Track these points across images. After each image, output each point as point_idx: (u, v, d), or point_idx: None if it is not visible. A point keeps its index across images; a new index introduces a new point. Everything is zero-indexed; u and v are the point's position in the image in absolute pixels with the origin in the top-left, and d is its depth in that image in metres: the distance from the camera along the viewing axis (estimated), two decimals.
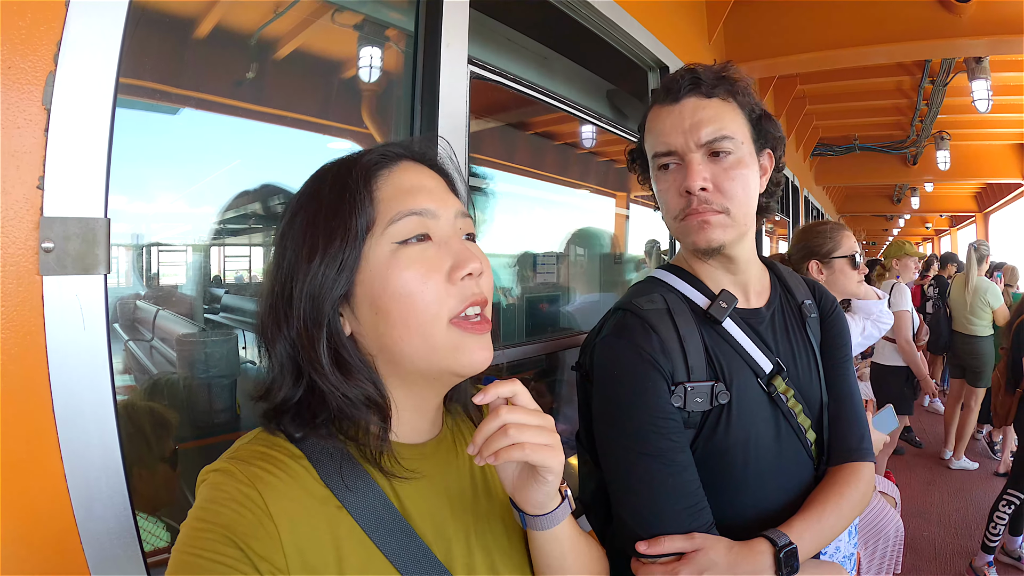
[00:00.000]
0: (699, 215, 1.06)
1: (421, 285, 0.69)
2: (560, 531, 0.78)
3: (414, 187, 0.73)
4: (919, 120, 6.70)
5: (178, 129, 1.35)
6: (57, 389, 0.80)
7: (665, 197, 1.11)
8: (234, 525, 0.60)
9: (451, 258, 0.71)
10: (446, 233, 0.74)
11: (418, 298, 0.69)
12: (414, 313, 0.69)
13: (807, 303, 1.24)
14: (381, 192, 0.72)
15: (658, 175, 1.12)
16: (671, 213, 1.11)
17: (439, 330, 0.70)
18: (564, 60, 2.52)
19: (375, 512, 0.69)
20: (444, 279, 0.70)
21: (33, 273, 0.79)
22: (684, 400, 1.04)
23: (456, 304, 0.70)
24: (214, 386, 1.38)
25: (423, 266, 0.70)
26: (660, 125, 1.10)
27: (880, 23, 3.48)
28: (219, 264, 1.54)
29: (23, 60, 0.78)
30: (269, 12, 1.55)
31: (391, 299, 0.69)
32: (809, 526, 1.04)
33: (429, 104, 1.41)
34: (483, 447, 0.68)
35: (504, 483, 0.76)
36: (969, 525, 4.32)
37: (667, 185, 1.10)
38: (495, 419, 0.68)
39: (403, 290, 0.69)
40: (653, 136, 1.12)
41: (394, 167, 0.75)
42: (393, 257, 0.69)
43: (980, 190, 12.02)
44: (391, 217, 0.70)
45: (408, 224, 0.71)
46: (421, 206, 0.72)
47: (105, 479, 0.85)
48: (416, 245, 0.71)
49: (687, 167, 1.06)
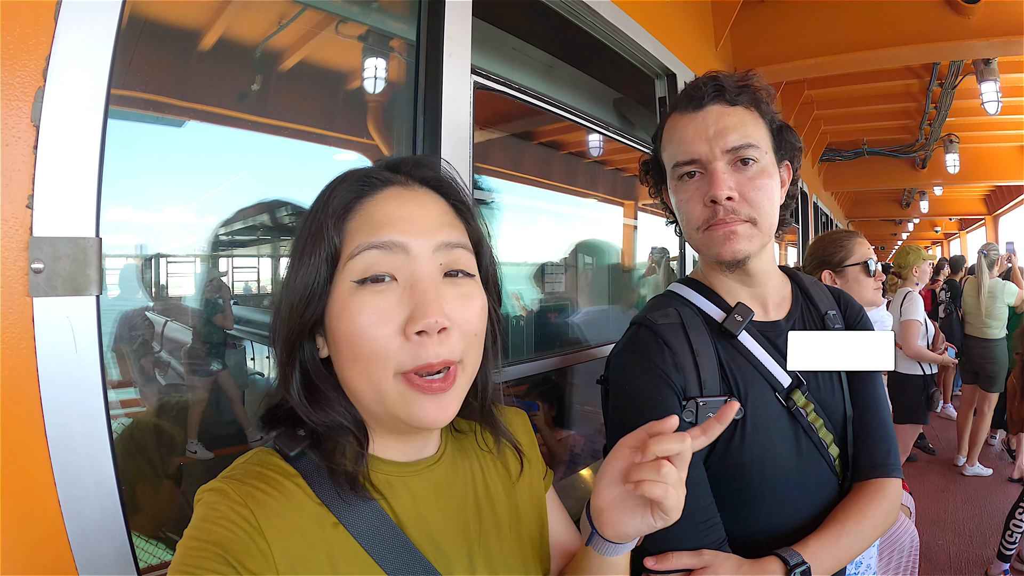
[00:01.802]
0: (725, 225, 1.03)
1: (368, 333, 0.65)
2: (620, 561, 0.78)
3: (388, 217, 0.68)
4: (928, 123, 6.64)
5: (184, 141, 1.35)
6: (49, 413, 0.78)
7: (687, 208, 1.08)
8: (227, 543, 0.60)
9: (410, 308, 0.65)
10: (417, 272, 0.67)
11: (364, 345, 0.65)
12: (362, 359, 0.66)
13: (831, 314, 1.20)
14: (351, 223, 0.69)
15: (678, 185, 1.09)
16: (693, 224, 1.08)
17: (386, 381, 0.66)
18: (569, 68, 2.51)
19: (372, 527, 0.67)
20: (397, 331, 0.65)
21: (23, 295, 0.77)
22: (696, 415, 1.02)
23: (407, 361, 0.65)
24: (222, 398, 1.37)
25: (374, 314, 0.65)
26: (682, 133, 1.07)
27: (888, 26, 3.46)
28: (227, 276, 1.54)
29: (11, 76, 0.76)
30: (273, 24, 1.55)
31: (342, 339, 0.67)
32: (826, 545, 1.01)
33: (432, 115, 1.39)
34: (631, 471, 0.70)
35: (599, 497, 0.75)
36: (984, 533, 4.25)
37: (689, 195, 1.07)
38: (662, 444, 0.68)
39: (352, 334, 0.66)
40: (674, 145, 1.09)
41: (376, 194, 0.70)
42: (349, 298, 0.66)
43: (989, 192, 11.95)
44: (351, 250, 0.67)
45: (366, 259, 0.66)
46: (385, 237, 0.67)
47: (99, 504, 0.83)
48: (372, 287, 0.66)
49: (712, 176, 1.03)
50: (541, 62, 2.37)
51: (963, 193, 12.22)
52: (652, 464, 0.68)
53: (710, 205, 1.04)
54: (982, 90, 5.03)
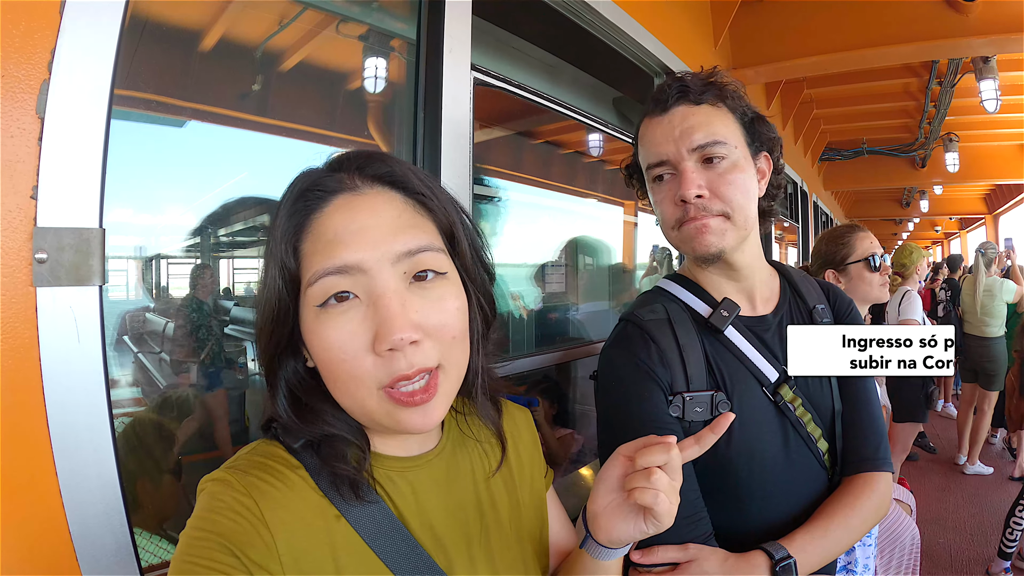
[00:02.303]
0: (696, 220, 1.05)
1: (340, 356, 0.64)
2: (613, 565, 0.79)
3: (339, 235, 0.65)
4: (927, 122, 6.65)
5: (185, 141, 1.35)
6: (52, 404, 0.79)
7: (661, 208, 1.10)
8: (230, 533, 0.60)
9: (374, 326, 0.63)
10: (378, 287, 0.64)
11: (339, 367, 0.64)
12: (342, 378, 0.65)
13: (819, 307, 1.20)
14: (304, 244, 0.66)
15: (653, 187, 1.11)
16: (668, 223, 1.09)
17: (369, 397, 0.65)
18: (569, 67, 2.51)
19: (374, 520, 0.68)
20: (367, 350, 0.63)
21: (26, 285, 0.77)
22: (683, 410, 1.03)
23: (384, 376, 0.64)
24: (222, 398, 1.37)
25: (341, 335, 0.63)
26: (651, 136, 1.09)
27: (887, 24, 3.46)
28: (228, 276, 1.54)
29: (17, 68, 0.77)
30: (274, 24, 1.55)
31: (320, 361, 0.66)
32: (813, 539, 1.02)
33: (432, 111, 1.40)
34: (626, 479, 0.71)
35: (595, 503, 0.75)
36: (985, 531, 4.25)
37: (662, 196, 1.09)
38: (648, 456, 0.69)
39: (325, 356, 0.65)
40: (645, 148, 1.11)
41: (325, 207, 0.67)
42: (315, 322, 0.65)
43: (989, 191, 11.95)
44: (307, 279, 0.65)
45: (323, 285, 0.64)
46: (340, 261, 0.64)
47: (101, 495, 0.83)
48: (336, 308, 0.64)
49: (681, 176, 1.04)
50: (541, 60, 2.37)
51: (963, 192, 12.22)
52: (643, 472, 0.69)
53: (681, 204, 1.05)
54: (981, 88, 5.04)
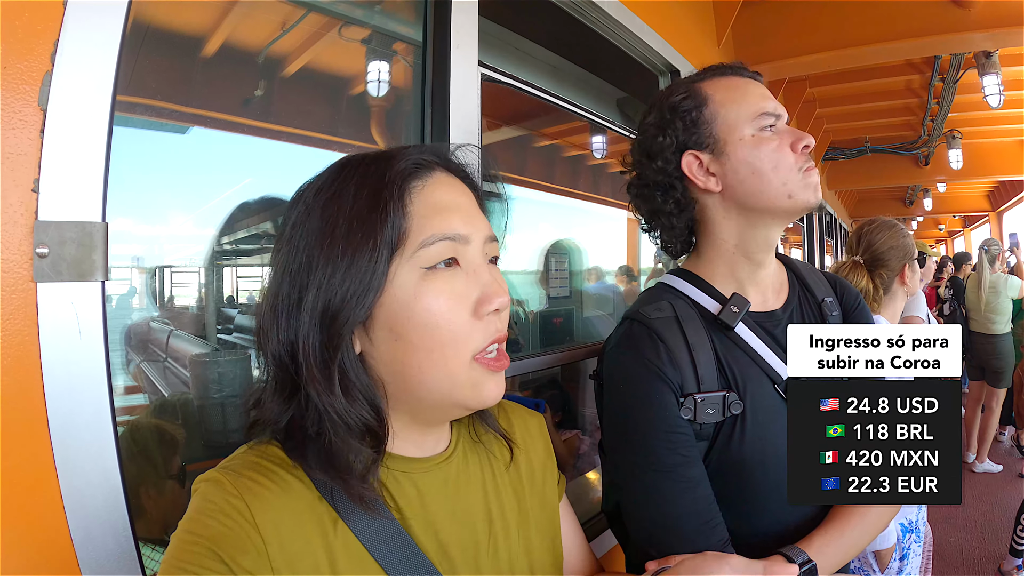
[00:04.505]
0: (815, 172, 1.06)
1: (448, 318, 0.65)
2: None
3: (448, 205, 0.68)
4: (930, 119, 6.62)
5: (188, 148, 1.34)
6: (52, 403, 0.77)
7: (777, 155, 1.05)
8: (220, 538, 0.58)
9: (479, 290, 0.68)
10: (474, 259, 0.69)
11: (444, 331, 0.65)
12: (439, 346, 0.65)
13: (828, 300, 1.18)
14: (413, 206, 0.66)
15: (760, 137, 1.06)
16: (787, 169, 1.05)
17: (461, 366, 0.67)
18: (574, 67, 2.50)
19: (375, 524, 0.65)
20: (470, 313, 0.67)
21: (27, 280, 0.75)
22: (694, 412, 0.99)
23: (481, 340, 0.67)
24: (227, 406, 1.36)
25: (451, 298, 0.66)
26: (746, 89, 1.09)
27: (889, 20, 3.45)
28: (232, 284, 1.53)
29: (19, 60, 0.75)
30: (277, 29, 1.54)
31: (415, 329, 0.65)
32: (831, 540, 0.99)
33: (440, 107, 1.38)
34: None
35: None
36: (996, 529, 4.23)
37: (775, 144, 1.06)
38: None
39: (429, 321, 0.65)
40: (753, 98, 1.08)
41: (428, 178, 0.69)
42: (421, 283, 0.65)
43: (993, 188, 11.92)
44: (423, 240, 0.65)
45: (439, 249, 0.66)
46: (455, 230, 0.67)
47: (104, 499, 0.81)
48: (444, 271, 0.66)
49: (793, 129, 1.07)
50: (546, 61, 2.36)
51: (966, 190, 12.18)
52: None
53: (803, 152, 1.05)
54: (984, 83, 5.01)
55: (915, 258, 2.12)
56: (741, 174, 1.07)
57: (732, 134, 1.07)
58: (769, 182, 1.06)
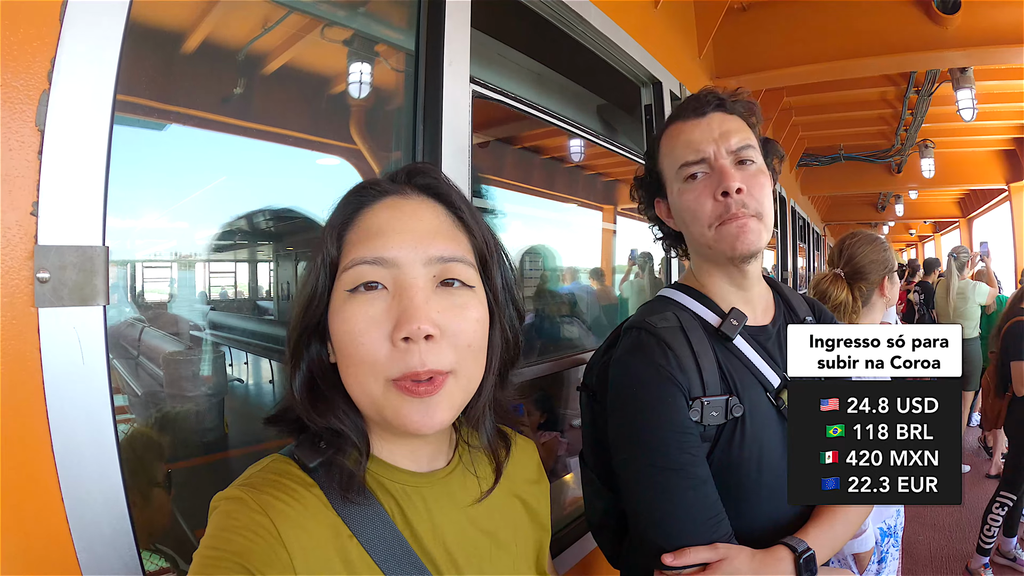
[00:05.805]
0: (738, 219, 1.08)
1: (359, 340, 0.66)
2: None
3: (381, 230, 0.69)
4: (904, 129, 6.78)
5: (166, 145, 1.32)
6: (56, 427, 0.76)
7: (696, 205, 1.11)
8: (247, 553, 0.58)
9: (397, 314, 0.65)
10: (406, 280, 0.67)
11: (357, 351, 0.66)
12: (355, 365, 0.67)
13: (808, 319, 1.26)
14: (350, 234, 0.70)
15: (684, 187, 1.14)
16: (705, 220, 1.11)
17: (377, 388, 0.66)
18: (558, 76, 2.52)
19: (385, 542, 0.67)
20: (385, 338, 0.65)
21: (28, 305, 0.74)
22: (701, 414, 1.05)
23: (396, 370, 0.65)
24: (201, 405, 1.35)
25: (363, 320, 0.66)
26: (688, 136, 1.13)
27: (866, 36, 3.53)
28: (204, 281, 1.52)
29: (15, 78, 0.73)
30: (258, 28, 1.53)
31: (339, 346, 0.68)
32: (823, 532, 1.06)
33: (432, 123, 1.39)
34: None
35: None
36: (963, 528, 4.35)
37: (697, 193, 1.11)
38: None
39: (345, 340, 0.67)
40: (680, 147, 1.14)
41: (374, 205, 0.72)
42: (342, 305, 0.67)
43: (963, 196, 12.18)
44: (343, 264, 0.68)
45: (356, 272, 0.67)
46: (375, 254, 0.67)
47: (107, 518, 0.81)
48: (364, 295, 0.67)
49: (720, 172, 1.08)
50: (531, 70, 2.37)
51: (938, 196, 12.44)
52: None
53: (721, 199, 1.08)
54: (958, 97, 5.14)
55: (895, 270, 2.18)
56: (679, 222, 1.19)
57: (671, 185, 1.18)
58: (691, 233, 1.16)
